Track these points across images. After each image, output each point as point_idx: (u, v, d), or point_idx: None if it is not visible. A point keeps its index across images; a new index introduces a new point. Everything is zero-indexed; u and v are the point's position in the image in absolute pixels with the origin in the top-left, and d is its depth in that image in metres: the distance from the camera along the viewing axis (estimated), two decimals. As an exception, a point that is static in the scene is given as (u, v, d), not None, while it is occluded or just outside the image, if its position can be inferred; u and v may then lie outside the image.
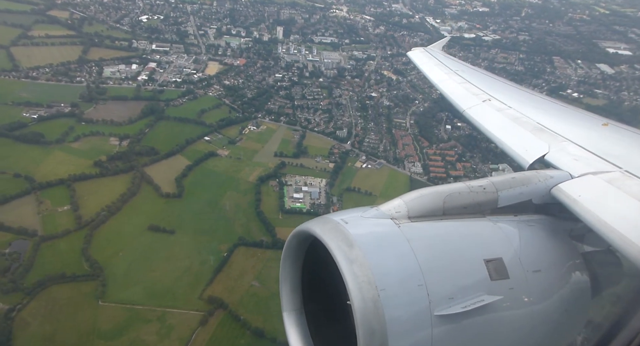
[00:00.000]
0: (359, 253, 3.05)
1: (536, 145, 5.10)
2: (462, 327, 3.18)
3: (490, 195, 3.85)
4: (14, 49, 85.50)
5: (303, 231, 3.44)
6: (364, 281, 2.96)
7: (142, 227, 52.75)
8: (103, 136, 67.78)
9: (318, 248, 3.31)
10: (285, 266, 3.72)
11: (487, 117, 6.34)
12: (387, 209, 3.52)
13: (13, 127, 64.69)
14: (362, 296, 2.92)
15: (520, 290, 3.43)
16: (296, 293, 3.77)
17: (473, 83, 7.76)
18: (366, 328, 2.89)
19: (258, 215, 56.38)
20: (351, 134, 76.36)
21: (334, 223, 3.29)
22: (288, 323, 3.74)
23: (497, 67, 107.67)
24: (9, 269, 44.71)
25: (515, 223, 3.82)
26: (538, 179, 4.11)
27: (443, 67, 9.15)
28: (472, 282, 3.28)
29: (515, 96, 7.09)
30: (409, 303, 3.04)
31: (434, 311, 3.06)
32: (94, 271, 46.06)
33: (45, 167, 59.05)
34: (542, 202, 4.09)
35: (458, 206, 3.69)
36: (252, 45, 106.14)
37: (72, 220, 52.11)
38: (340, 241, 3.12)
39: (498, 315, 3.31)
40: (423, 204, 3.58)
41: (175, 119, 74.66)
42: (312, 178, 64.35)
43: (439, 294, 3.11)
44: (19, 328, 39.59)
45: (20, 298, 42.17)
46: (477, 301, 3.15)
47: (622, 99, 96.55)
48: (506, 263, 3.42)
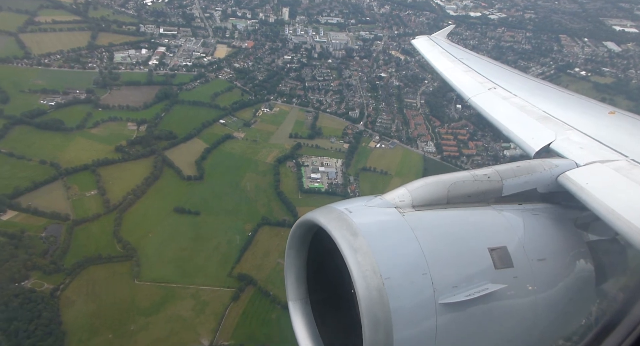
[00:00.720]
0: (363, 242, 3.06)
1: (542, 133, 5.07)
2: (467, 315, 3.19)
3: (495, 184, 3.83)
4: (23, 36, 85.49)
5: (307, 221, 3.46)
6: (369, 270, 2.96)
7: (168, 209, 54.50)
8: (121, 122, 68.88)
9: (323, 238, 3.32)
10: (290, 255, 3.74)
11: (493, 106, 6.28)
12: (391, 198, 3.52)
13: (33, 114, 65.72)
14: (366, 285, 2.92)
15: (525, 278, 3.43)
16: (301, 282, 3.77)
17: (478, 71, 7.70)
18: (371, 316, 2.91)
19: (278, 195, 58.11)
20: (363, 114, 77.43)
21: (338, 213, 3.30)
22: (293, 312, 3.75)
23: (504, 46, 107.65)
24: (48, 252, 46.63)
25: (519, 212, 3.81)
26: (543, 168, 4.09)
27: (448, 56, 9.05)
28: (476, 271, 3.29)
29: (521, 84, 7.06)
30: (413, 291, 3.04)
31: (438, 299, 3.06)
32: (127, 252, 48.02)
33: (68, 154, 60.38)
34: (547, 191, 4.07)
35: (462, 194, 3.69)
36: (259, 27, 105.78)
37: (100, 204, 53.81)
38: (345, 230, 3.14)
39: (502, 303, 3.32)
40: (427, 193, 3.58)
41: (189, 103, 75.55)
42: (327, 158, 65.84)
43: (443, 282, 3.12)
44: (65, 306, 41.80)
45: (62, 278, 44.26)
46: (481, 289, 3.17)
47: (630, 77, 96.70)
48: (510, 251, 3.42)
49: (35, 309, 39.98)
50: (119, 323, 41.26)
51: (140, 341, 40.06)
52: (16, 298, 40.38)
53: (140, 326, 41.39)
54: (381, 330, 2.91)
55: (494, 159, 65.36)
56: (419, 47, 10.36)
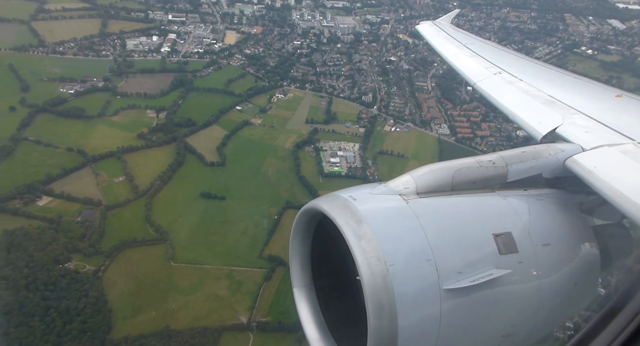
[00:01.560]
0: (368, 229, 3.07)
1: (547, 118, 5.03)
2: (471, 301, 3.20)
3: (500, 170, 3.83)
4: (35, 24, 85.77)
5: (312, 208, 3.46)
6: (373, 256, 2.98)
7: (195, 194, 56.35)
8: (140, 109, 70.14)
9: (327, 225, 3.33)
10: (294, 242, 3.76)
11: (499, 90, 6.27)
12: (395, 185, 3.53)
13: (55, 102, 66.96)
14: (371, 272, 2.94)
15: (530, 263, 3.43)
16: (306, 269, 3.81)
17: (483, 56, 7.67)
18: (375, 303, 2.93)
19: (300, 180, 59.96)
20: (376, 98, 78.75)
21: (343, 200, 3.31)
22: (298, 298, 3.79)
23: (510, 26, 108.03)
24: (85, 236, 48.60)
25: (524, 197, 3.81)
26: (549, 153, 4.06)
27: (453, 41, 8.99)
28: (480, 256, 3.30)
29: (526, 69, 7.05)
30: (417, 277, 3.06)
31: (442, 285, 3.08)
32: (160, 235, 50.02)
33: (92, 141, 61.84)
34: (552, 176, 4.06)
35: (467, 181, 3.70)
36: (266, 12, 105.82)
37: (129, 190, 55.61)
38: (349, 217, 3.15)
39: (507, 288, 3.33)
40: (431, 180, 3.58)
41: (205, 89, 76.66)
42: (344, 142, 67.48)
43: (448, 268, 3.13)
44: (108, 286, 44.01)
45: (102, 260, 46.36)
46: (485, 275, 3.19)
47: (636, 54, 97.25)
48: (515, 237, 3.44)
49: (82, 288, 42.22)
50: (160, 301, 43.52)
51: (182, 318, 42.37)
52: (63, 279, 42.54)
53: (180, 304, 43.67)
54: (386, 316, 2.94)
55: (507, 139, 67.08)
56: (423, 32, 10.16)
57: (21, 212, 49.31)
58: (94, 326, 39.22)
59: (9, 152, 56.82)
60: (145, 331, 40.67)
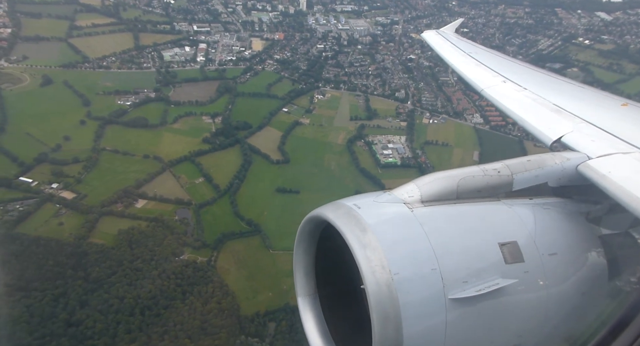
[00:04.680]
0: (372, 238, 3.03)
1: (553, 127, 4.99)
2: (477, 311, 3.16)
3: (505, 178, 3.78)
4: (72, 41, 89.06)
5: (316, 217, 3.41)
6: (378, 265, 2.93)
7: (270, 190, 61.53)
8: (195, 116, 74.69)
9: (331, 233, 3.29)
10: (298, 251, 3.72)
11: (506, 98, 6.34)
12: (400, 193, 3.48)
13: (118, 114, 70.89)
14: (375, 281, 2.89)
15: (536, 273, 3.37)
16: (310, 278, 3.74)
17: (488, 65, 7.80)
18: (380, 312, 2.88)
19: (361, 172, 65.73)
20: (408, 94, 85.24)
21: (347, 208, 3.27)
22: (303, 308, 3.72)
23: (509, 22, 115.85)
24: (187, 232, 53.26)
25: (530, 206, 3.75)
26: (554, 161, 4.00)
27: (457, 50, 9.17)
28: (486, 266, 3.24)
29: (531, 78, 7.13)
30: (422, 287, 3.00)
31: (448, 294, 3.03)
32: (252, 228, 55.04)
33: (163, 148, 66.22)
34: (558, 184, 4.01)
35: (472, 189, 3.65)
36: (283, 18, 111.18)
37: (211, 189, 60.39)
38: (354, 225, 3.11)
39: (513, 298, 3.28)
40: (436, 189, 3.53)
41: (249, 94, 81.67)
42: (391, 136, 73.65)
43: (453, 278, 3.08)
44: (223, 273, 48.90)
45: (210, 252, 51.12)
46: (491, 284, 3.14)
47: (628, 42, 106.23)
48: (521, 246, 3.38)
49: (205, 276, 47.04)
50: (272, 284, 48.63)
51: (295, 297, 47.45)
52: (187, 268, 47.26)
53: (290, 285, 48.65)
54: (390, 325, 2.90)
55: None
56: (429, 41, 10.52)
57: (126, 214, 53.61)
58: (227, 306, 44.17)
59: (95, 162, 60.80)
60: (269, 308, 45.91)
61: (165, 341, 40.06)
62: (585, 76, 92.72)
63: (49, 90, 73.93)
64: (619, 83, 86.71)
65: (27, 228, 48.89)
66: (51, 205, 53.04)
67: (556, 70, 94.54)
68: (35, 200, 52.76)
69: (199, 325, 41.97)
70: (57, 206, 53.04)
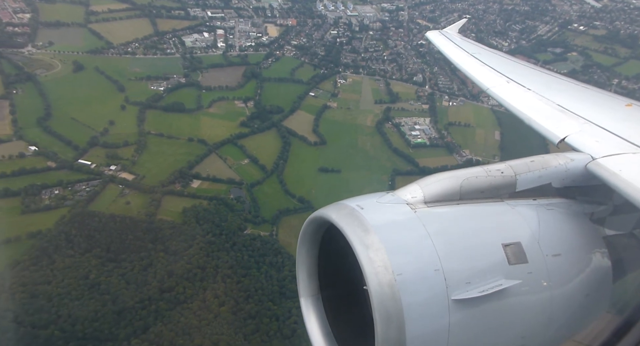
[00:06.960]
0: (375, 239, 3.05)
1: (557, 127, 5.00)
2: (480, 312, 3.16)
3: (508, 179, 3.77)
4: (93, 26, 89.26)
5: (319, 217, 3.48)
6: (380, 266, 2.95)
7: (314, 169, 65.19)
8: (228, 100, 77.10)
9: (334, 234, 3.33)
10: (301, 252, 3.74)
11: (511, 97, 6.34)
12: (403, 194, 3.51)
13: (155, 99, 72.71)
14: (378, 281, 2.91)
15: (539, 274, 3.37)
16: (313, 278, 3.77)
17: (491, 66, 7.82)
18: (383, 313, 2.89)
19: (394, 151, 69.95)
20: (425, 78, 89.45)
21: (350, 209, 3.32)
22: (305, 308, 3.75)
23: (507, 9, 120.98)
24: (244, 209, 56.60)
25: (534, 207, 3.74)
26: (558, 162, 3.99)
27: (460, 51, 9.30)
28: (489, 266, 3.24)
29: (535, 79, 7.11)
30: (425, 287, 3.01)
31: (451, 295, 3.03)
32: (304, 204, 58.75)
33: (204, 131, 68.76)
34: (562, 185, 4.00)
35: (475, 190, 3.65)
36: (292, 4, 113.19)
37: (257, 169, 63.63)
38: (356, 226, 3.13)
39: (516, 299, 3.28)
40: (439, 189, 3.55)
41: (275, 79, 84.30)
42: (416, 117, 77.96)
43: (456, 278, 3.08)
44: (285, 245, 52.62)
45: (269, 227, 54.69)
46: (494, 285, 3.13)
47: (618, 28, 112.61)
48: (525, 247, 3.38)
49: (272, 247, 50.77)
50: (332, 254, 52.56)
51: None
52: (255, 241, 50.88)
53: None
54: (393, 326, 2.91)
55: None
56: (433, 41, 10.71)
57: (185, 193, 56.45)
58: (299, 275, 47.93)
59: (144, 146, 62.97)
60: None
61: (250, 304, 43.82)
62: (585, 59, 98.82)
63: (82, 76, 74.88)
64: (616, 66, 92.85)
65: (99, 207, 51.37)
66: (114, 186, 55.41)
67: (558, 54, 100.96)
68: (99, 181, 55.02)
69: (278, 290, 45.82)
70: (120, 186, 55.43)
